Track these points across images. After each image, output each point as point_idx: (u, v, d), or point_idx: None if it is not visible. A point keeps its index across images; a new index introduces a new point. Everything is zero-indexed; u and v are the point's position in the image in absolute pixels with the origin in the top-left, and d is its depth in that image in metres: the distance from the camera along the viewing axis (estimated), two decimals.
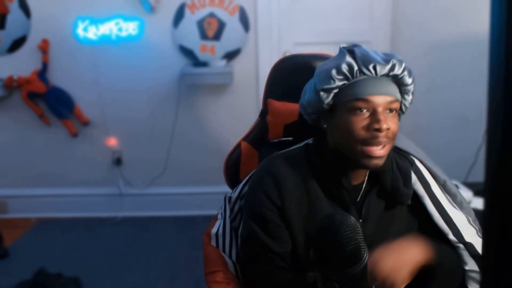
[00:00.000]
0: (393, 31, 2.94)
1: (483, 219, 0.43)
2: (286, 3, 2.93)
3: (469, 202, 2.00)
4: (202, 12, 2.93)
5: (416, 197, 1.05)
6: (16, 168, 3.21)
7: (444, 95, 3.04)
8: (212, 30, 2.94)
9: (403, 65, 0.95)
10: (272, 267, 1.04)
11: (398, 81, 0.97)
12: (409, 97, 1.01)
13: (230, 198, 1.20)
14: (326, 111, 0.99)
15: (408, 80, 0.97)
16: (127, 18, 2.93)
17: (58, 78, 3.03)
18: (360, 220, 1.03)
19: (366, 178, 1.05)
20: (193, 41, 2.95)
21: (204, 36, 2.95)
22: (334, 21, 2.92)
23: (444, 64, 3.00)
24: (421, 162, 1.09)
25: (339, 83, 0.94)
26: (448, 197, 1.07)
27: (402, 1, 2.94)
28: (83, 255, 2.67)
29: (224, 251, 1.17)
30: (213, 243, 1.18)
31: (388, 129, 0.93)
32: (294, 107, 1.20)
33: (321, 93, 0.95)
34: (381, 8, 2.91)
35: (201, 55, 2.96)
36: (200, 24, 2.94)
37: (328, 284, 0.85)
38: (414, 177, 1.05)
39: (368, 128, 0.93)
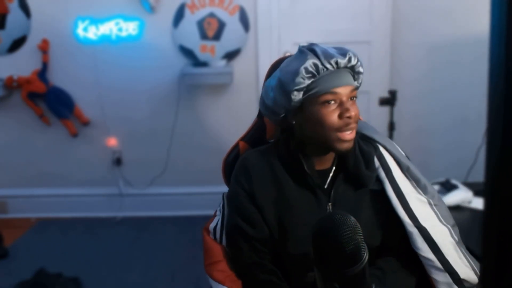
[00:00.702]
0: (393, 32, 2.94)
1: (483, 219, 0.43)
2: (286, 3, 2.93)
3: (469, 202, 2.00)
4: (202, 12, 2.93)
5: (381, 183, 1.11)
6: (16, 168, 3.21)
7: (444, 96, 3.04)
8: (212, 30, 2.94)
9: (356, 55, 1.05)
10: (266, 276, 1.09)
11: (353, 71, 1.06)
12: (359, 82, 1.10)
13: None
14: (295, 108, 1.06)
15: (361, 69, 1.07)
16: (127, 18, 2.94)
17: (58, 78, 3.03)
18: (330, 204, 1.09)
19: (335, 164, 1.12)
20: (193, 41, 2.95)
21: (204, 36, 2.95)
22: (334, 21, 2.93)
23: (444, 65, 3.00)
24: (384, 148, 1.14)
25: (307, 81, 1.02)
26: (412, 182, 1.11)
27: (402, 2, 2.94)
28: (83, 255, 2.67)
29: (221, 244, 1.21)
30: (211, 236, 1.22)
31: (355, 115, 1.03)
32: None
33: (294, 92, 1.03)
34: (381, 8, 2.91)
35: (201, 55, 2.97)
36: (200, 24, 2.94)
37: (328, 284, 0.86)
38: (377, 163, 1.12)
39: (340, 116, 1.02)
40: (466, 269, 1.04)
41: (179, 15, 2.93)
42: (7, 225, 3.09)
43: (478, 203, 1.96)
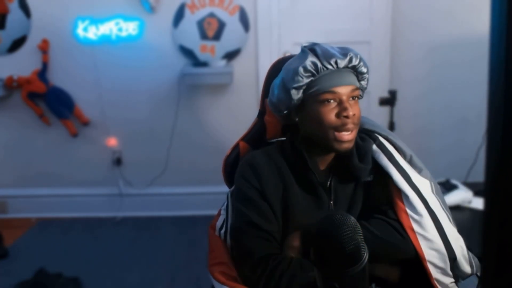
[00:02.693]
0: (393, 32, 2.94)
1: (483, 219, 0.43)
2: (286, 3, 2.93)
3: (469, 202, 2.00)
4: (202, 12, 2.93)
5: (383, 172, 1.11)
6: (16, 168, 3.20)
7: (444, 96, 3.04)
8: (212, 30, 2.94)
9: (359, 56, 1.06)
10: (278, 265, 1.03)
11: (356, 71, 1.07)
12: (364, 83, 1.11)
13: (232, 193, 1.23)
14: (297, 106, 1.08)
15: (364, 69, 1.07)
16: (127, 18, 2.94)
17: (58, 78, 3.03)
18: (331, 202, 1.11)
19: (333, 162, 1.13)
20: (193, 41, 2.95)
21: (204, 36, 2.95)
22: (334, 21, 2.93)
23: (444, 65, 3.00)
24: (385, 138, 1.16)
25: (306, 80, 1.04)
26: (415, 170, 1.12)
27: (402, 1, 2.94)
28: (83, 255, 2.67)
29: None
30: (217, 233, 1.22)
31: (354, 115, 1.03)
32: None
33: (292, 90, 1.05)
34: (381, 8, 2.91)
35: (201, 55, 2.96)
36: (200, 24, 2.94)
37: (328, 284, 0.86)
38: (377, 151, 1.13)
39: (338, 115, 1.03)
40: (457, 239, 1.07)
41: (179, 15, 2.93)
42: (7, 225, 3.09)
43: (478, 203, 1.96)
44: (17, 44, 2.99)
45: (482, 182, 0.44)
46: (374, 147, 1.13)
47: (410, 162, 1.13)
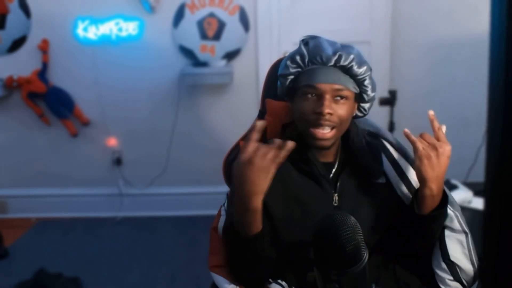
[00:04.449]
0: (393, 32, 2.94)
1: (483, 219, 0.43)
2: (286, 3, 2.93)
3: (469, 202, 2.00)
4: (202, 12, 2.93)
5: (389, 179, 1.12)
6: (16, 168, 3.20)
7: (444, 96, 3.04)
8: (212, 30, 2.94)
9: (351, 56, 1.03)
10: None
11: (348, 71, 1.04)
12: (367, 87, 1.10)
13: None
14: (289, 96, 1.10)
15: (357, 71, 1.05)
16: (127, 18, 2.93)
17: (58, 78, 3.03)
18: (336, 195, 1.08)
19: (338, 157, 1.12)
20: (193, 41, 2.95)
21: (204, 36, 2.95)
22: (334, 21, 2.92)
23: (444, 65, 3.00)
24: (392, 145, 1.17)
25: (292, 71, 1.06)
26: None
27: (402, 1, 2.94)
28: (83, 255, 2.67)
29: None
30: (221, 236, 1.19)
31: (330, 113, 1.01)
32: None
33: (280, 78, 1.09)
34: (381, 8, 2.91)
35: (201, 55, 2.96)
36: (200, 24, 2.94)
37: (328, 284, 0.86)
38: (385, 161, 1.13)
39: (313, 111, 1.03)
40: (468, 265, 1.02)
41: (179, 15, 2.93)
42: (7, 225, 3.09)
43: (478, 203, 1.96)
44: (17, 44, 2.99)
45: (482, 182, 0.44)
46: (384, 158, 1.13)
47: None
